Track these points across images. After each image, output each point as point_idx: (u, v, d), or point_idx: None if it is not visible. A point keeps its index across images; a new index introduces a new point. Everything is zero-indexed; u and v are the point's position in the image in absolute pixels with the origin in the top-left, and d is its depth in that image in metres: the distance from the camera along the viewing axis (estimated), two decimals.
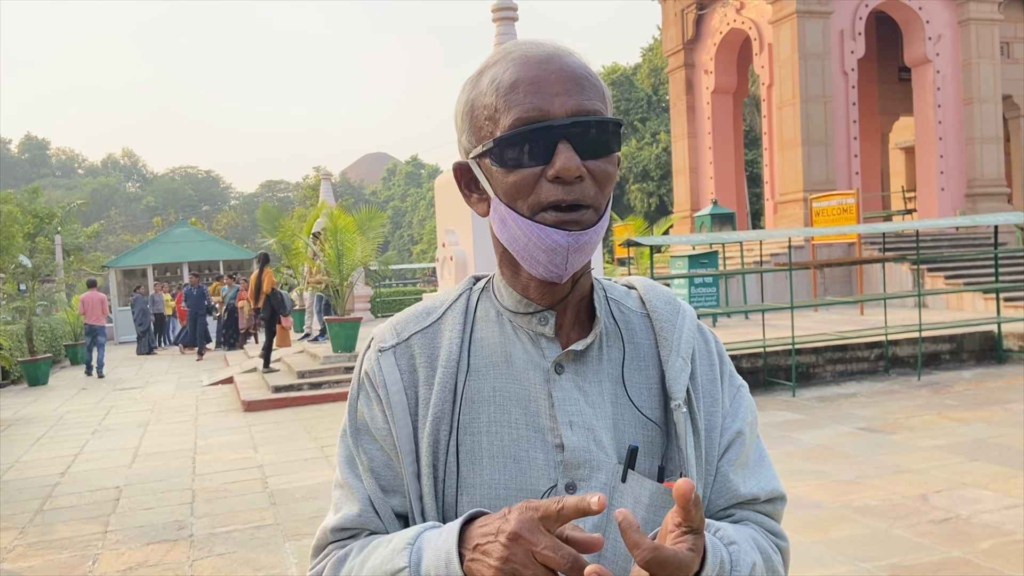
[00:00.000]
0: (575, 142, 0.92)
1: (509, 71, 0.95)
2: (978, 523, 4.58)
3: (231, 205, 78.54)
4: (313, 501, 5.84)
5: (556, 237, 0.92)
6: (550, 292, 1.01)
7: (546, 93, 0.93)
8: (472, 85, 0.99)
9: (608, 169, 0.95)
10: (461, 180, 1.03)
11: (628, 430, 1.00)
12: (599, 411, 0.99)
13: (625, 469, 0.95)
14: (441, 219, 11.13)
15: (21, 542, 5.26)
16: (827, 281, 15.92)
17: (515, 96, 0.93)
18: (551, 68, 0.94)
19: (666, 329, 1.05)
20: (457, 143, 1.04)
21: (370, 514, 1.02)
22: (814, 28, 17.27)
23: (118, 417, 10.43)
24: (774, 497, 1.07)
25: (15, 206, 25.87)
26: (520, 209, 0.94)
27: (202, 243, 28.10)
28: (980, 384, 8.96)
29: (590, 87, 0.95)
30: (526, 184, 0.93)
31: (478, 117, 0.97)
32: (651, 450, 1.00)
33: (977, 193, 18.23)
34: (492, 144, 0.94)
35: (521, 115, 0.92)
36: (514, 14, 9.78)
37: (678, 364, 1.02)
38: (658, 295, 1.09)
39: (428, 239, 53.94)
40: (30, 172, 77.92)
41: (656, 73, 37.32)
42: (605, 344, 1.03)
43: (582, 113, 0.93)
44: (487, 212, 1.00)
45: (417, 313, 1.09)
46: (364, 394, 1.05)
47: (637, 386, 1.02)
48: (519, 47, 0.98)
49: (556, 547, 0.80)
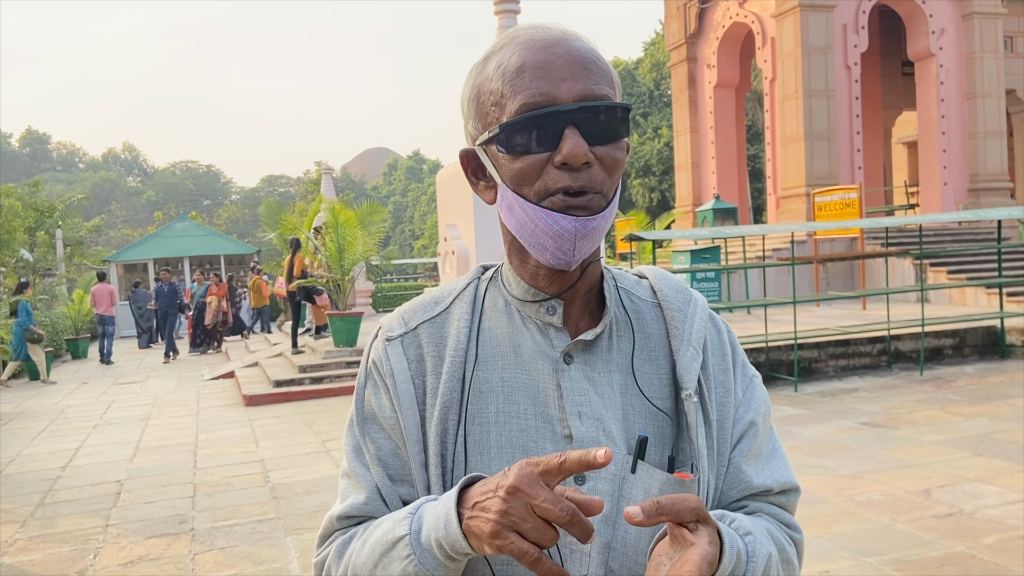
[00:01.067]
0: (582, 127, 0.90)
1: (515, 56, 0.93)
2: (982, 518, 4.56)
3: (232, 200, 78.55)
4: (314, 495, 5.83)
5: (563, 223, 0.91)
6: (559, 280, 0.99)
7: (553, 78, 0.91)
8: (478, 71, 0.98)
9: (616, 155, 0.93)
10: (468, 167, 1.02)
11: (638, 420, 0.98)
12: (608, 401, 0.98)
13: (635, 460, 0.93)
14: (443, 214, 11.11)
15: (22, 535, 5.26)
16: (829, 276, 15.89)
17: (521, 81, 0.91)
18: (558, 52, 0.92)
19: (677, 318, 1.03)
20: (464, 130, 1.02)
21: (376, 502, 1.01)
22: (817, 22, 17.22)
23: (119, 411, 10.43)
24: (787, 488, 1.05)
25: (16, 200, 25.89)
26: (527, 195, 0.93)
27: (203, 237, 28.12)
28: (983, 379, 8.94)
29: (598, 71, 0.93)
30: (533, 170, 0.92)
31: (484, 103, 0.95)
32: (661, 440, 0.99)
33: (980, 188, 18.18)
34: (498, 130, 0.92)
35: (527, 100, 0.91)
36: (516, 7, 9.75)
37: (689, 353, 1.00)
38: (669, 284, 1.07)
39: (429, 234, 53.90)
40: (31, 166, 77.92)
41: (658, 67, 37.26)
42: (615, 334, 1.02)
43: (590, 98, 0.91)
44: (494, 199, 0.99)
45: (425, 302, 1.08)
46: (372, 383, 1.04)
47: (647, 376, 1.00)
48: (525, 31, 0.96)
49: (555, 500, 0.78)
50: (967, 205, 18.01)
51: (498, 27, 9.73)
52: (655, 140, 35.35)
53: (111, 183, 74.50)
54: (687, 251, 13.75)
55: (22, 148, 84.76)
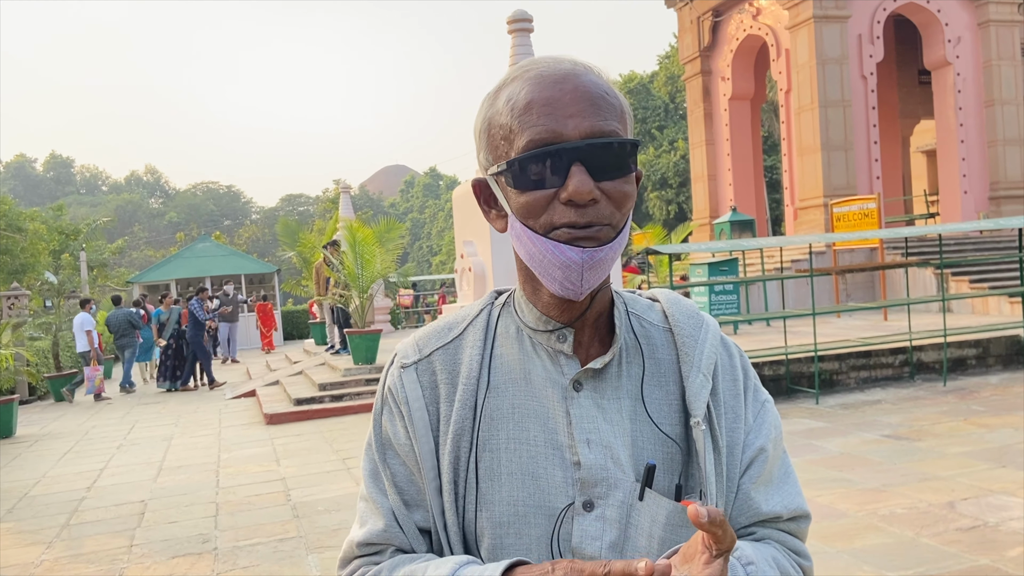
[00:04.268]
0: (589, 164, 0.91)
1: (524, 91, 0.94)
2: (1006, 530, 4.51)
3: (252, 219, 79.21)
4: (336, 513, 5.86)
5: (570, 254, 0.91)
6: (569, 309, 1.00)
7: (560, 115, 0.92)
8: (490, 103, 0.99)
9: (625, 189, 0.94)
10: (480, 196, 1.03)
11: (647, 447, 0.99)
12: (618, 428, 0.99)
13: (642, 487, 0.94)
14: (459, 230, 11.17)
15: (48, 556, 5.32)
16: (849, 287, 15.77)
17: (529, 117, 0.92)
18: (566, 88, 0.93)
19: (688, 344, 1.03)
20: (476, 158, 1.04)
21: (395, 529, 1.03)
22: (831, 33, 17.19)
23: (142, 431, 10.53)
24: (797, 515, 1.05)
25: (41, 224, 26.30)
26: (534, 227, 0.94)
27: (224, 257, 28.39)
28: (1007, 389, 8.83)
29: (606, 107, 0.94)
30: (539, 206, 0.93)
31: (495, 136, 0.97)
32: (670, 467, 0.99)
33: (1001, 195, 18.01)
34: (506, 166, 0.94)
35: (534, 137, 0.92)
36: (530, 26, 9.82)
37: (699, 380, 1.01)
38: (681, 309, 1.07)
39: (447, 250, 54.09)
40: (55, 190, 79.09)
41: (673, 80, 37.28)
42: (625, 360, 1.03)
43: (597, 135, 0.92)
44: (505, 228, 1.00)
45: (439, 328, 1.10)
46: (388, 410, 1.07)
47: (657, 402, 1.01)
48: (536, 65, 0.97)
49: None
50: (988, 213, 17.85)
51: (512, 45, 9.80)
52: (671, 153, 35.32)
53: (134, 205, 75.41)
54: (705, 264, 13.72)
55: (47, 172, 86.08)
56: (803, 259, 15.46)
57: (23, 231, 23.54)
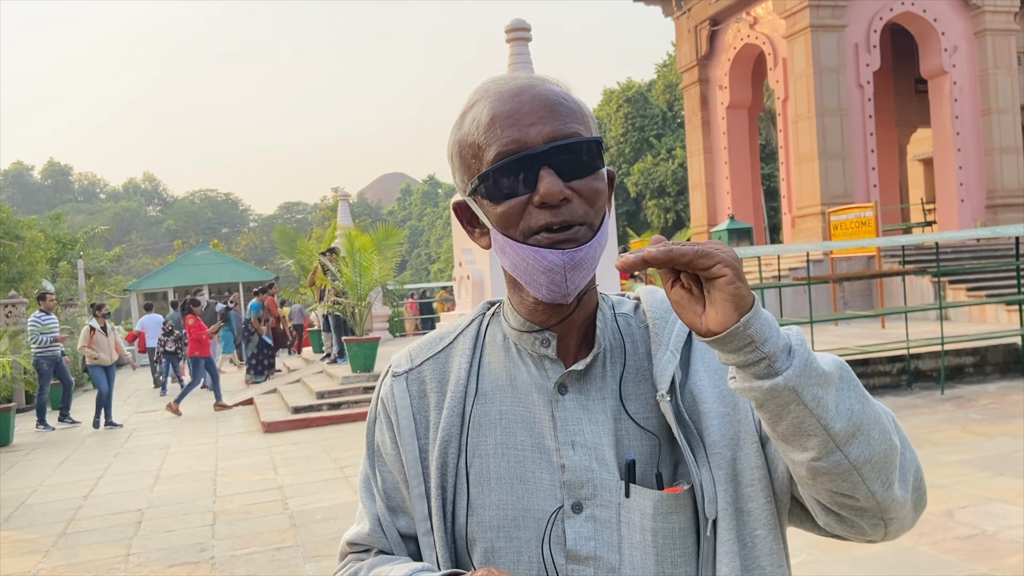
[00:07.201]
0: (556, 166, 0.94)
1: (486, 109, 0.98)
2: (1004, 539, 4.51)
3: (250, 227, 79.30)
4: (333, 522, 5.85)
5: (551, 257, 0.93)
6: (556, 313, 1.02)
7: (522, 124, 0.95)
8: (458, 127, 1.02)
9: (595, 185, 0.96)
10: (463, 217, 1.06)
11: (632, 444, 1.00)
12: (603, 428, 1.00)
13: (626, 484, 0.96)
14: (457, 238, 11.19)
15: (45, 565, 5.31)
16: (847, 295, 15.79)
17: (494, 132, 0.96)
18: (524, 99, 0.97)
19: (658, 326, 1.04)
20: (453, 182, 1.07)
21: (378, 533, 1.11)
22: (828, 42, 17.25)
23: (140, 440, 10.51)
24: None
25: (39, 232, 26.28)
26: (514, 236, 0.96)
27: (222, 265, 28.45)
28: (1005, 397, 8.84)
29: (565, 111, 0.97)
30: (515, 213, 0.95)
31: (466, 156, 1.00)
32: (653, 459, 1.00)
33: (998, 204, 18.06)
34: (478, 181, 0.97)
35: (501, 149, 0.95)
36: (528, 35, 9.86)
37: (665, 357, 1.01)
38: (654, 297, 1.08)
39: (445, 258, 54.09)
40: (53, 197, 79.12)
41: (671, 89, 37.39)
42: (609, 360, 1.04)
43: (559, 137, 0.95)
44: (489, 245, 1.03)
45: (431, 339, 1.14)
46: (379, 418, 1.12)
47: (639, 397, 1.02)
48: (494, 84, 1.01)
49: None
50: (985, 222, 17.88)
51: (510, 54, 9.84)
52: (669, 161, 35.39)
53: (132, 212, 75.48)
54: None
55: (44, 179, 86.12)
56: (801, 267, 15.48)
57: (21, 239, 23.50)
